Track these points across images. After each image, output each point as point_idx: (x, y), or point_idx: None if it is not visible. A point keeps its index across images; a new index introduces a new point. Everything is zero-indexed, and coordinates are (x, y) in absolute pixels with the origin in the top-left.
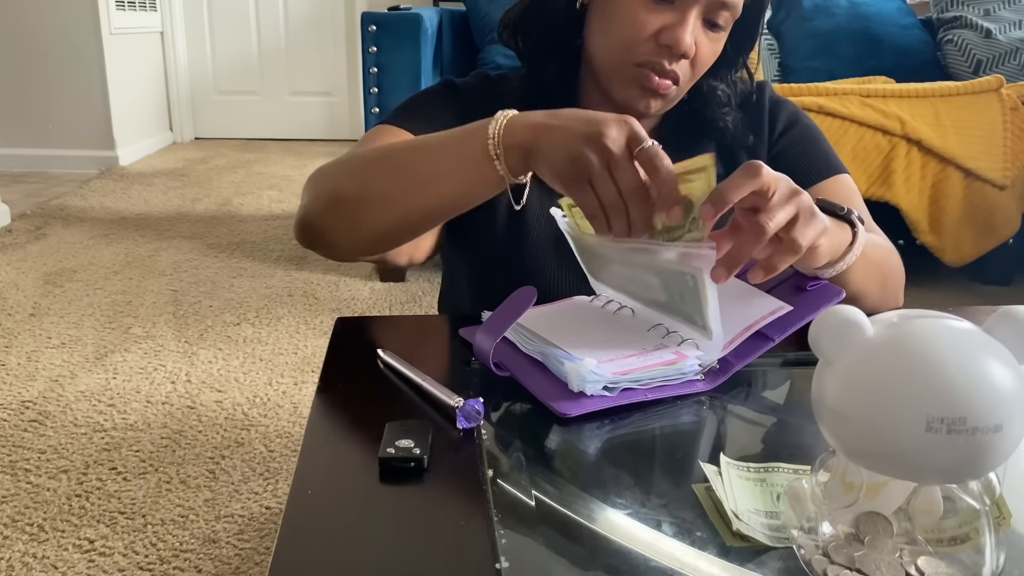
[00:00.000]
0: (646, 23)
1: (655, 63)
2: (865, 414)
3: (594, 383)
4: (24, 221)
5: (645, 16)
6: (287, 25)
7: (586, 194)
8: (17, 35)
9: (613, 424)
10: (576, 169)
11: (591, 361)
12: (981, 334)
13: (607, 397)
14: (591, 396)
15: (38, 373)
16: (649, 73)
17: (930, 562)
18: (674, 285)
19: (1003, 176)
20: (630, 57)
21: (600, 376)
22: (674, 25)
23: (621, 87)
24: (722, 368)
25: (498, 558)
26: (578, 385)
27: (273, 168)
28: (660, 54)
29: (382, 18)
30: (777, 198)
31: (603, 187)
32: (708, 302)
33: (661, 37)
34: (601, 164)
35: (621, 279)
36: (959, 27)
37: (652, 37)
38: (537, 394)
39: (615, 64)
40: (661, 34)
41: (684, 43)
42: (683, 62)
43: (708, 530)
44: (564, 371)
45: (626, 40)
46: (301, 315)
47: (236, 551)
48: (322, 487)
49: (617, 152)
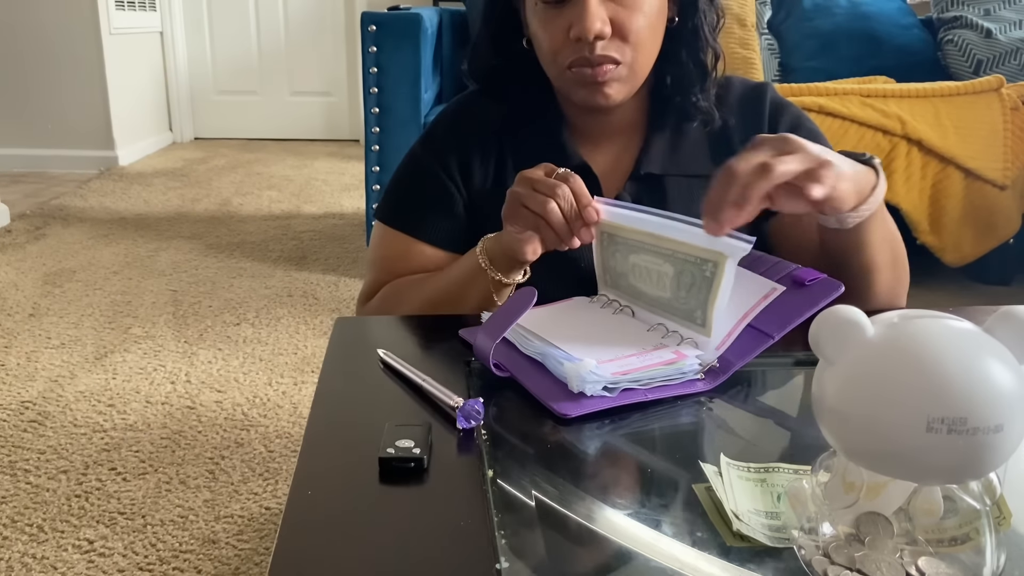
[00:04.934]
0: (554, 28)
1: (580, 58)
2: (865, 414)
3: (594, 383)
4: (24, 221)
5: (551, 24)
6: (287, 25)
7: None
8: (17, 35)
9: (613, 424)
10: (511, 206)
11: (590, 362)
12: (981, 334)
13: (607, 397)
14: (591, 397)
15: (37, 373)
16: (582, 70)
17: (930, 562)
18: (688, 276)
19: (1003, 176)
20: (560, 64)
21: (600, 376)
22: (576, 19)
23: (572, 92)
24: (722, 367)
25: (498, 558)
26: (578, 386)
27: (273, 168)
28: (579, 49)
29: (382, 18)
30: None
31: (533, 199)
32: (719, 295)
33: (571, 34)
34: (527, 189)
35: (631, 274)
36: (959, 27)
37: (565, 38)
38: (537, 395)
39: (556, 76)
40: (571, 32)
41: (589, 29)
42: (606, 42)
43: (708, 530)
44: (564, 372)
45: (549, 51)
46: (301, 315)
47: (236, 551)
48: (322, 487)
49: (536, 177)
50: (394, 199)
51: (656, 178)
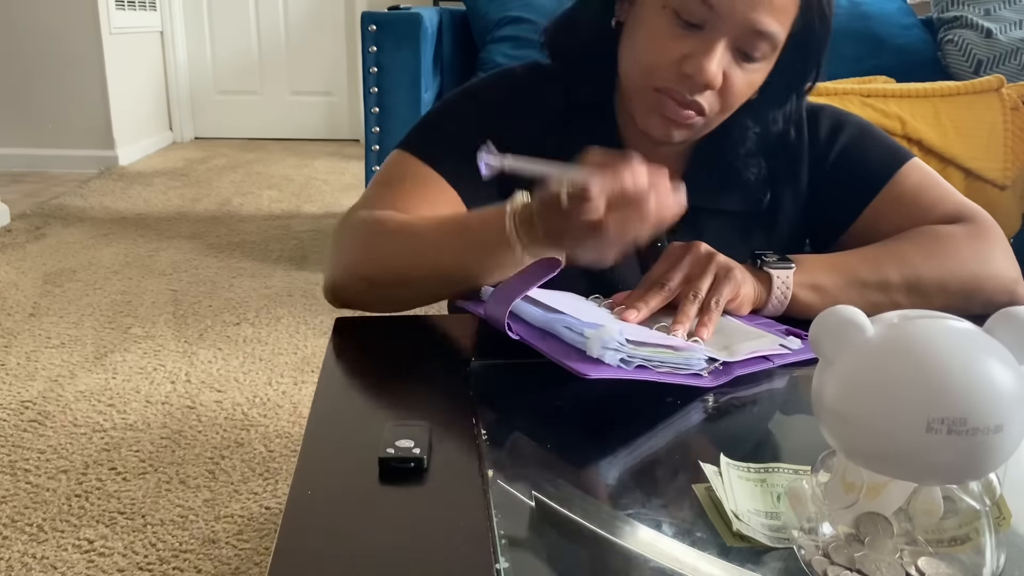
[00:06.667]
0: (669, 48)
1: (675, 91)
2: (865, 414)
3: (614, 352)
4: (24, 221)
5: (669, 41)
6: (287, 25)
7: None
8: (17, 35)
9: (613, 423)
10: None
11: (613, 327)
12: (981, 334)
13: (623, 369)
14: (607, 365)
15: (37, 373)
16: (669, 101)
17: (930, 563)
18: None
19: (1003, 176)
20: (651, 82)
21: (620, 347)
22: (698, 53)
23: (642, 113)
24: (725, 369)
25: (498, 558)
26: (598, 352)
27: (273, 168)
28: (682, 82)
29: (382, 18)
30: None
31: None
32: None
33: (684, 65)
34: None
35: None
36: (959, 27)
37: (675, 63)
38: (553, 356)
39: (637, 88)
40: (684, 62)
41: (706, 73)
42: (708, 92)
43: (708, 530)
44: (583, 338)
45: (648, 64)
46: (301, 315)
47: (236, 551)
48: (322, 487)
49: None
50: (427, 135)
51: (692, 210)
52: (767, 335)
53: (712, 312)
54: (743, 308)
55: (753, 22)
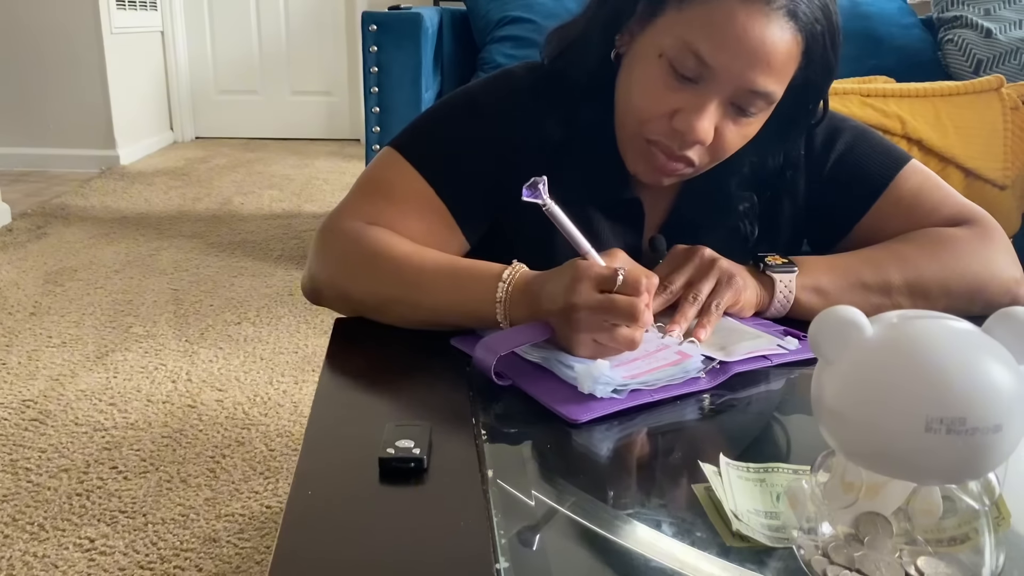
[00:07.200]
0: (662, 100)
1: (665, 145)
2: (865, 414)
3: (605, 385)
4: (25, 220)
5: (663, 92)
6: (288, 25)
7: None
8: (17, 35)
9: (613, 425)
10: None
11: (603, 363)
12: (980, 335)
13: (615, 400)
14: (600, 400)
15: (39, 372)
16: (659, 153)
17: (930, 562)
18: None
19: (1003, 176)
20: (642, 131)
21: (611, 379)
22: (690, 110)
23: (632, 158)
24: (723, 368)
25: (498, 558)
26: (589, 387)
27: (274, 167)
28: (672, 137)
29: (382, 18)
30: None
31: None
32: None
33: (675, 120)
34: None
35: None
36: (959, 27)
37: (666, 117)
38: (544, 400)
39: (628, 133)
40: (676, 117)
41: (697, 132)
42: (698, 147)
43: (708, 530)
44: (574, 374)
45: (640, 112)
46: (301, 314)
47: (237, 550)
48: (322, 487)
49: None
50: (422, 140)
51: (691, 224)
52: (764, 335)
53: (711, 315)
54: (744, 313)
55: (749, 83)
